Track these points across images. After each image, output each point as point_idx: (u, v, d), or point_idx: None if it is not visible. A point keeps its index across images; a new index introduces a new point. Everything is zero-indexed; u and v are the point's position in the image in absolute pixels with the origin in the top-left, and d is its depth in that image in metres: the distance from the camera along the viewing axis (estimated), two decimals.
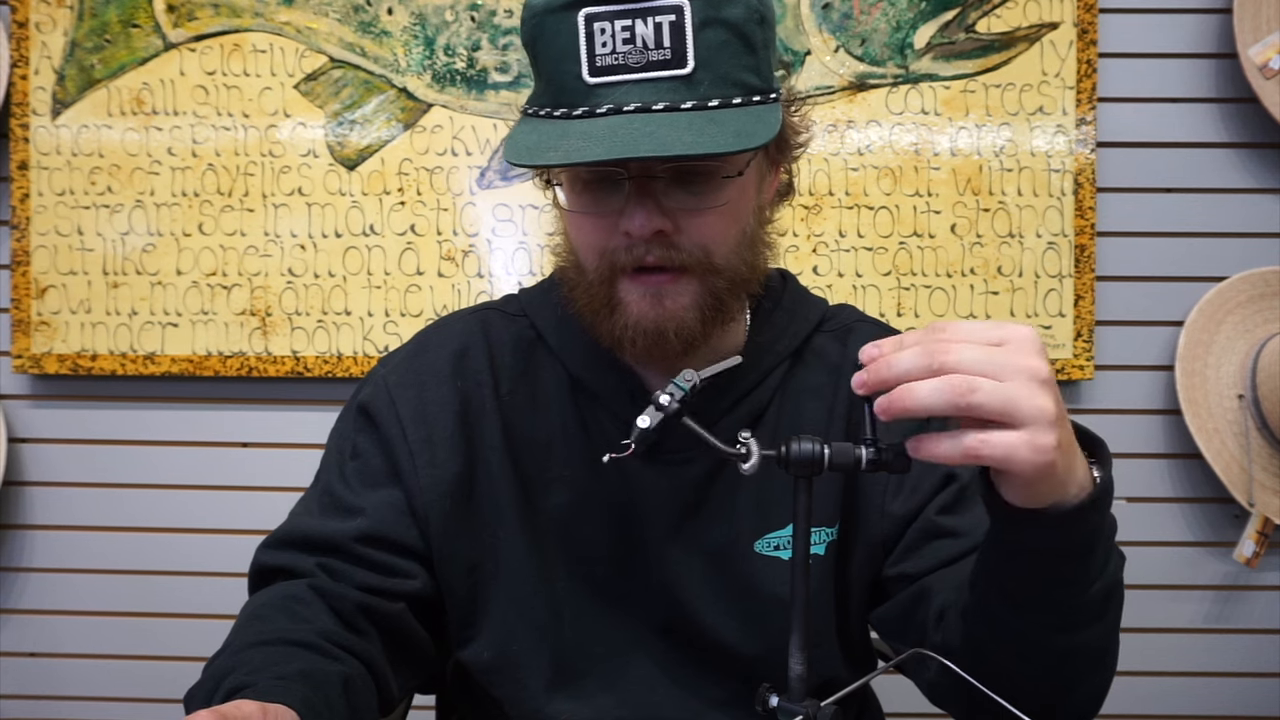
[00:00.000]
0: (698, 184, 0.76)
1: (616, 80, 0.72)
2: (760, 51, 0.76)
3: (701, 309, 0.79)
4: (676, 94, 0.72)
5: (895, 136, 1.64)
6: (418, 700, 1.06)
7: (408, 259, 1.65)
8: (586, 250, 0.80)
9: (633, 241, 0.76)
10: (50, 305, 1.65)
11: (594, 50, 0.72)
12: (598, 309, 0.80)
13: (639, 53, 0.71)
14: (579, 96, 0.73)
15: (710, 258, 0.78)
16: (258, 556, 0.86)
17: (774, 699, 0.65)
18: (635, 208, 0.75)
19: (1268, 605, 1.70)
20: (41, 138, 1.64)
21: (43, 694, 1.71)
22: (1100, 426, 1.76)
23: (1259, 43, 1.62)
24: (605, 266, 0.78)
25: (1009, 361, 0.59)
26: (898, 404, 0.59)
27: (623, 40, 0.71)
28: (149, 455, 1.69)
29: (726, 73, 0.73)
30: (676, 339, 0.78)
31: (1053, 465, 0.59)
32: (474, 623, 0.88)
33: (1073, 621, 0.69)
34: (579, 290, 0.82)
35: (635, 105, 0.71)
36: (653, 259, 0.76)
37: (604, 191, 0.77)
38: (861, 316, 0.97)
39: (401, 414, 0.87)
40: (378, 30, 1.64)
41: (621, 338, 0.79)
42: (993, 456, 0.59)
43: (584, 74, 0.72)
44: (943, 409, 0.58)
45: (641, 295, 0.78)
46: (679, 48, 0.71)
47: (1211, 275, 1.66)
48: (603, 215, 0.77)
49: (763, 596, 0.85)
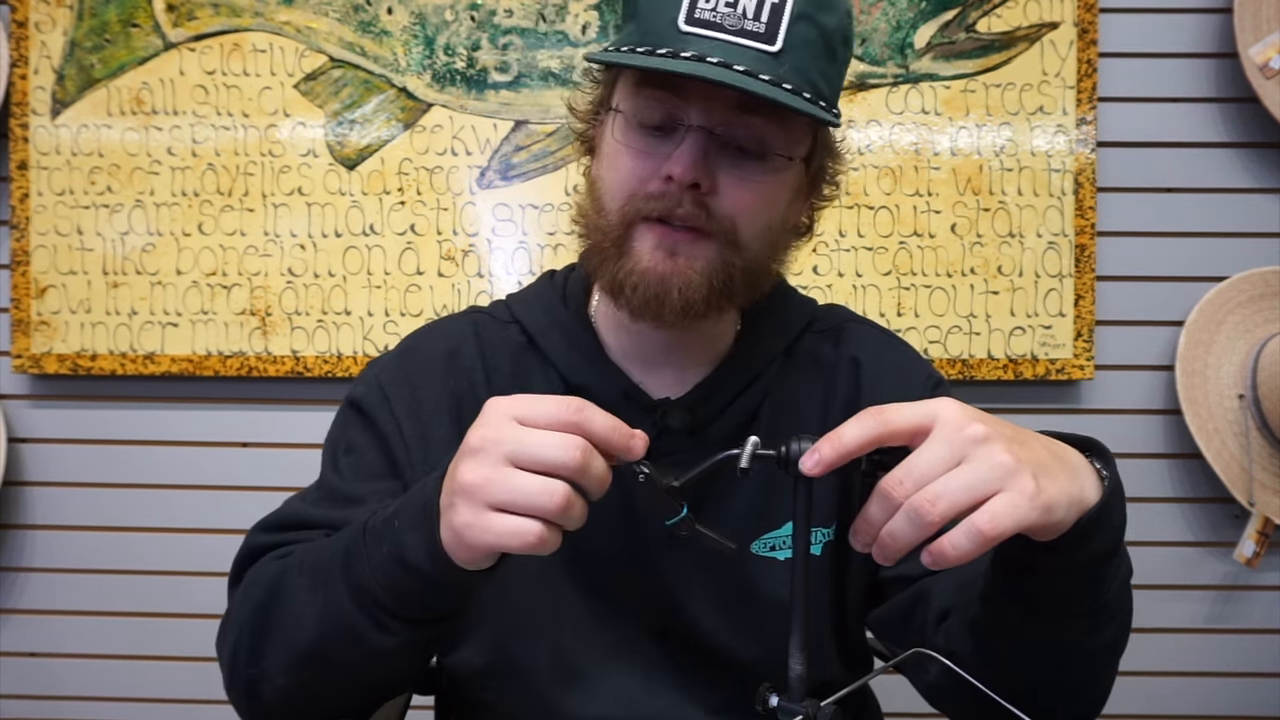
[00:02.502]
0: (748, 157, 0.78)
1: (708, 34, 0.74)
2: (838, 64, 0.80)
3: (710, 278, 0.78)
4: (759, 64, 0.74)
5: (895, 136, 1.64)
6: (417, 700, 1.06)
7: (408, 259, 1.65)
8: (618, 187, 0.80)
9: (668, 188, 0.76)
10: (50, 305, 1.65)
11: (697, 2, 0.74)
12: (607, 248, 0.80)
13: (737, 18, 0.74)
14: (668, 39, 0.74)
15: (736, 231, 0.78)
16: (250, 539, 0.84)
17: (774, 699, 0.65)
18: (685, 153, 0.76)
19: (1268, 605, 1.70)
20: (41, 137, 1.64)
21: (43, 694, 1.71)
22: (1100, 426, 1.77)
23: (1259, 42, 1.62)
24: (631, 208, 0.78)
25: (954, 452, 0.59)
26: (892, 551, 0.60)
27: (726, 3, 0.74)
28: (149, 455, 1.69)
29: (805, 67, 0.76)
30: (679, 297, 0.78)
31: (1051, 497, 0.59)
32: (460, 626, 0.87)
33: (1097, 623, 0.69)
34: (593, 230, 0.82)
35: (719, 60, 0.73)
36: (682, 212, 0.77)
37: (657, 136, 0.78)
38: (852, 316, 0.97)
39: (396, 410, 0.87)
40: (378, 30, 1.64)
41: (624, 283, 0.79)
42: (1009, 526, 0.58)
43: (680, 20, 0.74)
44: (927, 534, 0.59)
45: (656, 245, 0.78)
46: (773, 26, 0.74)
47: (1211, 275, 1.66)
48: (649, 155, 0.78)
49: (760, 598, 0.85)
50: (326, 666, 0.71)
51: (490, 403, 0.63)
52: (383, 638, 0.68)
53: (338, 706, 0.76)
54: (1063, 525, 0.61)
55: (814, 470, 0.61)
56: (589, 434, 0.61)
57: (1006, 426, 0.61)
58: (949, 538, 0.58)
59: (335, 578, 0.69)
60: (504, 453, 0.60)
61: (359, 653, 0.69)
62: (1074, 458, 0.64)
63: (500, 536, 0.60)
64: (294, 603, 0.72)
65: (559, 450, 0.59)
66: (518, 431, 0.60)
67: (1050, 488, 0.59)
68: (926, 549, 0.60)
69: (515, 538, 0.60)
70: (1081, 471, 0.63)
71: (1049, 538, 0.62)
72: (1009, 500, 0.58)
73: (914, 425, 0.60)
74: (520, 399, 0.62)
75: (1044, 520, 0.59)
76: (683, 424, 0.85)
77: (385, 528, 0.67)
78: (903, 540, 0.59)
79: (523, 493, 0.59)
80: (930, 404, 0.61)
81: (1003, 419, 0.62)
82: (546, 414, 0.61)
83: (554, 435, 0.60)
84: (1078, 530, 0.62)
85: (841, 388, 0.90)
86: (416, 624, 0.69)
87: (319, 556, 0.72)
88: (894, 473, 0.59)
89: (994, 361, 1.65)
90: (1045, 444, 0.63)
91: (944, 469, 0.58)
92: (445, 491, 0.63)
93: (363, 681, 0.74)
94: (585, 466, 0.60)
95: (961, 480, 0.58)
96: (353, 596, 0.68)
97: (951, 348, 1.65)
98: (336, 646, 0.70)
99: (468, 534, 0.61)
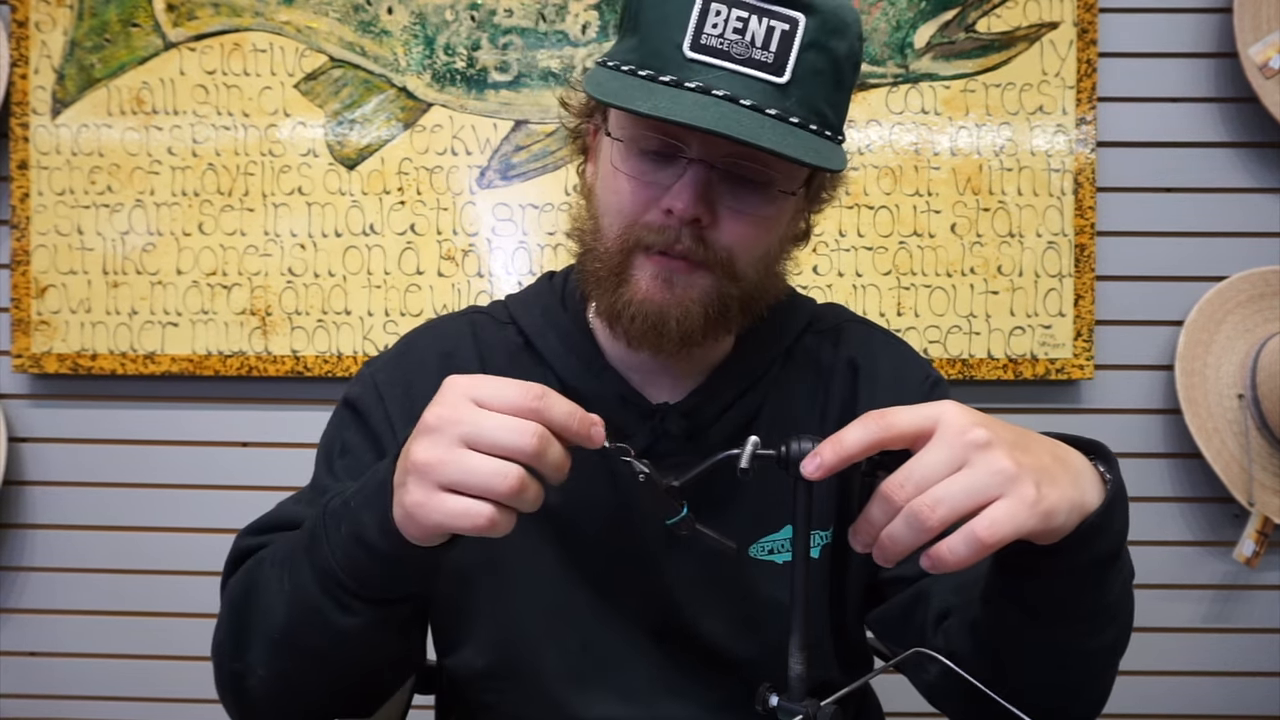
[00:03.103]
0: (749, 189, 0.77)
1: (714, 63, 0.72)
2: (845, 92, 0.78)
3: (707, 308, 0.78)
4: (765, 97, 0.72)
5: (895, 136, 1.64)
6: (417, 700, 1.06)
7: (408, 258, 1.65)
8: (616, 215, 0.79)
9: (668, 221, 0.76)
10: (50, 305, 1.65)
11: (703, 27, 0.72)
12: (605, 277, 0.80)
13: (744, 46, 0.72)
14: (671, 65, 0.73)
15: (733, 263, 0.78)
16: (238, 543, 0.83)
17: (774, 698, 0.65)
18: (686, 188, 0.75)
19: (1268, 605, 1.70)
20: (41, 137, 1.64)
21: (43, 694, 1.71)
22: (1100, 426, 1.77)
23: (1259, 42, 1.62)
24: (631, 238, 0.78)
25: (955, 457, 0.58)
26: (892, 554, 0.60)
27: (734, 29, 0.72)
28: (149, 455, 1.69)
29: (813, 97, 0.74)
30: (677, 327, 0.78)
31: (1051, 504, 0.59)
32: (461, 627, 0.87)
33: (1098, 625, 0.69)
34: (591, 255, 0.81)
35: (724, 93, 0.71)
36: (681, 247, 0.76)
37: (658, 164, 0.77)
38: (850, 316, 0.97)
39: (390, 411, 0.87)
40: (378, 30, 1.64)
41: (622, 313, 0.79)
42: (1008, 533, 0.58)
43: (685, 45, 0.72)
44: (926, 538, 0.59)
45: (653, 275, 0.77)
46: (782, 56, 0.72)
47: (1211, 275, 1.66)
48: (648, 185, 0.77)
49: (759, 600, 0.85)
50: (300, 653, 0.71)
51: (448, 381, 0.63)
52: (346, 618, 0.68)
53: (323, 697, 0.75)
54: (1063, 530, 0.61)
55: (815, 474, 0.61)
56: (548, 420, 0.60)
57: (1009, 430, 0.61)
58: (947, 543, 0.58)
59: (300, 562, 0.69)
60: (459, 433, 0.60)
61: (327, 635, 0.69)
62: (1077, 462, 0.64)
63: (450, 516, 0.60)
64: (267, 592, 0.72)
65: (514, 435, 0.59)
66: (475, 413, 0.60)
67: (1051, 494, 0.59)
68: (925, 553, 0.60)
69: (465, 518, 0.60)
70: (1084, 476, 0.63)
71: (1050, 541, 0.62)
72: (1009, 507, 0.57)
73: (916, 429, 0.60)
74: (480, 379, 0.62)
75: (1044, 527, 0.59)
76: (681, 429, 0.85)
77: (344, 509, 0.68)
78: (902, 544, 0.59)
79: (475, 474, 0.59)
80: (933, 407, 0.60)
81: (1006, 421, 0.62)
82: (505, 399, 0.60)
83: (511, 420, 0.59)
84: (1079, 534, 0.61)
85: (839, 390, 0.90)
86: (378, 603, 0.69)
87: (289, 545, 0.73)
88: (895, 476, 0.59)
89: (994, 361, 1.65)
90: (1049, 448, 0.63)
91: (945, 473, 0.58)
92: (399, 470, 0.63)
93: (337, 668, 0.73)
94: (541, 452, 0.60)
95: (962, 485, 0.58)
96: (317, 579, 0.68)
97: (951, 347, 1.65)
98: (306, 631, 0.70)
99: (418, 513, 0.61)
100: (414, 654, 0.84)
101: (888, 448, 0.61)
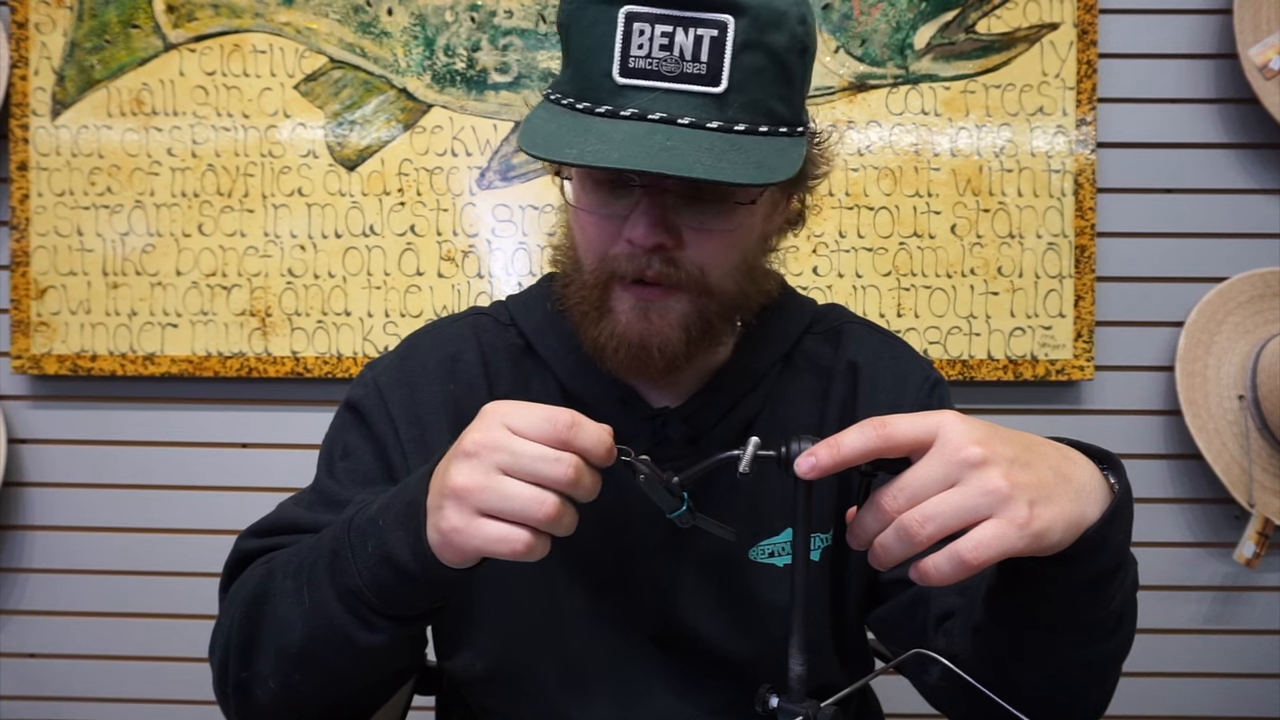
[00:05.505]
0: (708, 204, 0.75)
1: (646, 85, 0.70)
2: (795, 83, 0.75)
3: (688, 329, 0.78)
4: (704, 111, 0.70)
5: (895, 137, 1.64)
6: (417, 701, 1.06)
7: (408, 259, 1.65)
8: (587, 249, 0.79)
9: (634, 250, 0.75)
10: (50, 306, 1.65)
11: (629, 51, 0.70)
12: (587, 311, 0.79)
13: (674, 62, 0.70)
14: (605, 95, 0.71)
15: (706, 279, 0.77)
16: (239, 545, 0.83)
17: (774, 699, 0.65)
18: (641, 217, 0.74)
19: (1268, 606, 1.70)
20: (41, 138, 1.64)
21: (43, 694, 1.71)
22: (1100, 427, 1.77)
23: (1259, 43, 1.62)
24: (604, 270, 0.78)
25: (949, 474, 0.58)
26: (887, 559, 0.60)
27: (660, 46, 0.69)
28: (149, 455, 1.69)
29: (758, 99, 0.72)
30: (660, 356, 0.77)
31: (1044, 525, 0.58)
32: (460, 630, 0.87)
33: (1098, 634, 0.69)
34: (573, 288, 0.81)
35: (660, 115, 0.70)
36: (652, 273, 0.76)
37: (613, 194, 0.76)
38: (851, 317, 0.96)
39: (394, 413, 0.87)
40: (378, 31, 1.64)
41: (605, 345, 0.78)
42: (993, 555, 0.57)
43: (614, 73, 0.70)
44: (915, 551, 0.59)
45: (631, 308, 0.77)
46: (715, 65, 0.70)
47: (1211, 276, 1.66)
48: (608, 218, 0.77)
49: (758, 603, 0.85)
50: (316, 667, 0.71)
51: (488, 407, 0.63)
52: (371, 636, 0.68)
53: (330, 705, 0.75)
54: (1059, 548, 0.60)
55: (808, 474, 0.61)
56: (580, 449, 0.61)
57: (1011, 444, 0.60)
58: (933, 560, 0.58)
59: (321, 578, 0.69)
60: (497, 461, 0.61)
61: (349, 652, 0.69)
62: (1083, 474, 0.62)
63: (488, 542, 0.61)
64: (281, 605, 0.72)
65: (551, 466, 0.60)
66: (512, 441, 0.61)
67: (1046, 513, 0.58)
68: (914, 566, 0.60)
69: (503, 544, 0.60)
70: (1087, 490, 0.61)
71: (1047, 554, 0.61)
72: (996, 528, 0.57)
73: (915, 440, 0.59)
74: (515, 407, 0.62)
75: (1034, 547, 0.58)
76: (681, 433, 0.85)
77: (370, 526, 0.67)
78: (893, 554, 0.59)
79: (514, 501, 0.60)
80: (933, 418, 0.60)
81: (1014, 431, 0.62)
82: (538, 429, 0.61)
83: (548, 450, 0.60)
84: (1076, 550, 0.61)
85: (838, 392, 0.90)
86: (404, 621, 0.69)
87: (304, 557, 0.72)
88: (889, 487, 0.59)
89: (994, 362, 1.65)
90: (1053, 462, 0.61)
91: (937, 489, 0.58)
92: (434, 492, 0.63)
93: (353, 680, 0.74)
94: (577, 481, 0.61)
95: (952, 504, 0.57)
96: (340, 597, 0.68)
97: (951, 348, 1.65)
98: (325, 647, 0.70)
99: (456, 538, 0.61)
100: (416, 657, 0.84)
101: (886, 456, 0.60)
